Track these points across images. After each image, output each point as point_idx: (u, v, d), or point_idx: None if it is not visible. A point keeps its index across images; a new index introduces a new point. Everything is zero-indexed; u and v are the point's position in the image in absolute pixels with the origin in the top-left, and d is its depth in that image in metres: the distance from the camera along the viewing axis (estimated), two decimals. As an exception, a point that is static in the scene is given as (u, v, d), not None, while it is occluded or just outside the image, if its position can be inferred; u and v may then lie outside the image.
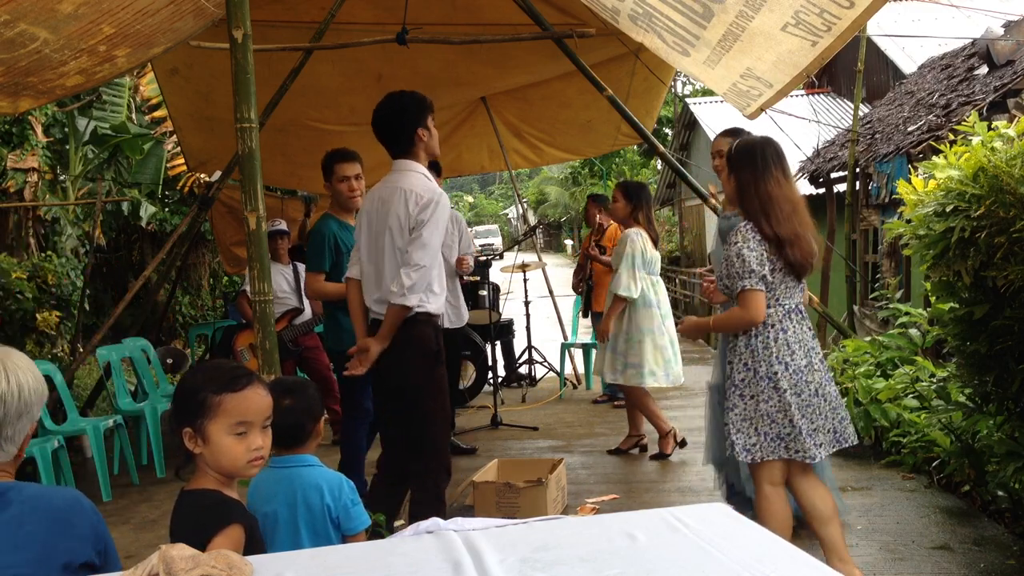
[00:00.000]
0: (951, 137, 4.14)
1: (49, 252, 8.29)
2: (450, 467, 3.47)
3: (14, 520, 1.60)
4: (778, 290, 3.06)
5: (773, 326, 3.05)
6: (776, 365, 3.02)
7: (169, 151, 9.73)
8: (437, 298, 3.40)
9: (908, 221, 3.73)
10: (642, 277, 5.14)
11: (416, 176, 3.37)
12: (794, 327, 3.07)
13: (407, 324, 3.32)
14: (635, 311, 5.17)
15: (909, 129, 8.50)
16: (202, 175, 8.72)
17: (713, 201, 5.84)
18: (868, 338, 5.93)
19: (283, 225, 6.11)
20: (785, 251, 3.01)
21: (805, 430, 3.02)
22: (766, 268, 3.00)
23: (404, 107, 3.42)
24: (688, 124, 18.91)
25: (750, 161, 3.10)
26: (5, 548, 1.57)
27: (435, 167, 4.59)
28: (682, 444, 5.38)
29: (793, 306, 3.09)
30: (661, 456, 5.27)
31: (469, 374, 7.34)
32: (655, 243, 5.27)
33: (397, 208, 3.31)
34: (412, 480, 3.44)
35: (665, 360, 5.17)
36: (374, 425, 4.43)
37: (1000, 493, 3.94)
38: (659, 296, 5.24)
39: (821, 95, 16.63)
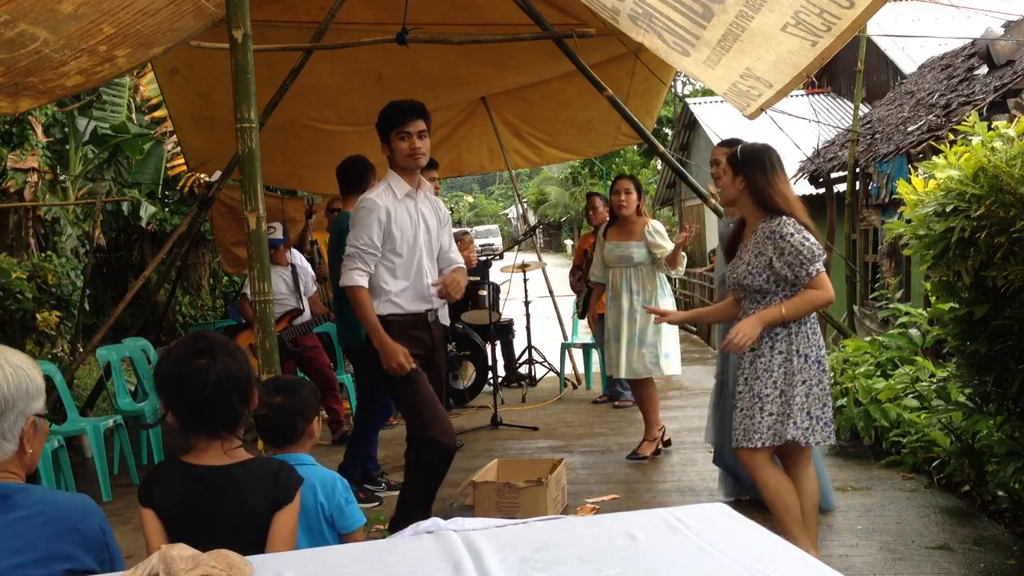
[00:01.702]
0: (951, 137, 4.14)
1: (49, 252, 8.29)
2: (442, 445, 3.54)
3: (19, 523, 1.60)
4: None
5: (810, 318, 3.25)
6: (822, 350, 3.22)
7: (169, 151, 9.72)
8: (387, 300, 3.57)
9: (908, 221, 3.73)
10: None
11: (374, 187, 3.68)
12: (813, 320, 3.28)
13: None
14: (664, 301, 5.23)
15: (909, 129, 8.50)
16: (202, 175, 8.72)
17: (713, 201, 5.84)
18: (868, 338, 5.93)
19: (279, 234, 6.06)
20: None
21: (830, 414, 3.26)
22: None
23: (379, 122, 3.61)
24: (688, 124, 18.91)
25: (760, 164, 3.23)
26: (7, 550, 1.56)
27: (431, 163, 4.68)
28: (667, 444, 5.44)
29: None
30: (638, 457, 5.25)
31: (469, 374, 7.34)
32: None
33: None
34: (406, 463, 3.71)
35: (677, 347, 5.31)
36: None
37: (1000, 493, 3.94)
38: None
39: (821, 95, 16.63)
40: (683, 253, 5.14)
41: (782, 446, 3.22)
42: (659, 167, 23.88)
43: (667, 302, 5.29)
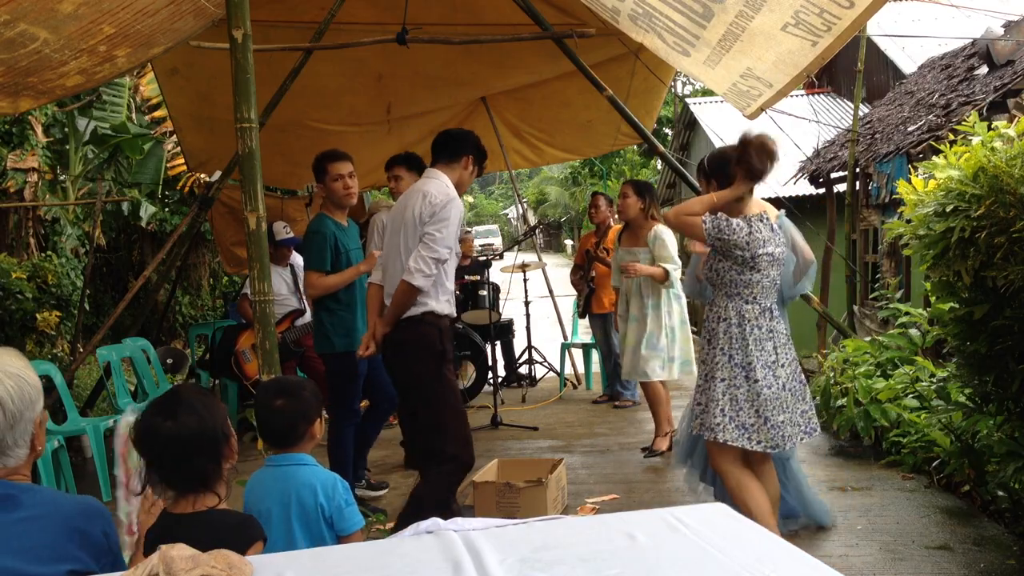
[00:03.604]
0: (951, 137, 4.14)
1: (49, 252, 8.29)
2: (465, 460, 3.56)
3: (23, 523, 1.60)
4: (755, 288, 3.32)
5: (750, 321, 3.32)
6: (750, 356, 3.30)
7: (169, 151, 9.72)
8: (444, 299, 3.55)
9: (908, 221, 3.73)
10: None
11: (436, 182, 3.59)
12: (767, 324, 3.34)
13: (412, 323, 3.49)
14: (671, 305, 5.21)
15: (909, 129, 8.49)
16: (202, 175, 8.72)
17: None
18: (868, 338, 5.93)
19: (289, 233, 6.07)
20: None
21: (772, 422, 3.29)
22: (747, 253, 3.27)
23: (469, 137, 3.74)
24: (688, 124, 18.88)
25: (723, 171, 3.39)
26: (11, 549, 1.56)
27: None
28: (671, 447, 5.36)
29: (768, 305, 3.36)
30: (653, 453, 5.25)
31: (469, 374, 7.33)
32: None
33: (413, 208, 3.51)
34: (424, 470, 3.63)
35: (691, 351, 5.29)
36: (360, 427, 4.57)
37: (1000, 493, 3.94)
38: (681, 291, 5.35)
39: (821, 95, 16.60)
40: (666, 268, 5.13)
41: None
42: (659, 167, 23.86)
43: (680, 306, 5.26)
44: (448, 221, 3.45)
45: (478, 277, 7.41)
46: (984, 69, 8.59)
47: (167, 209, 10.75)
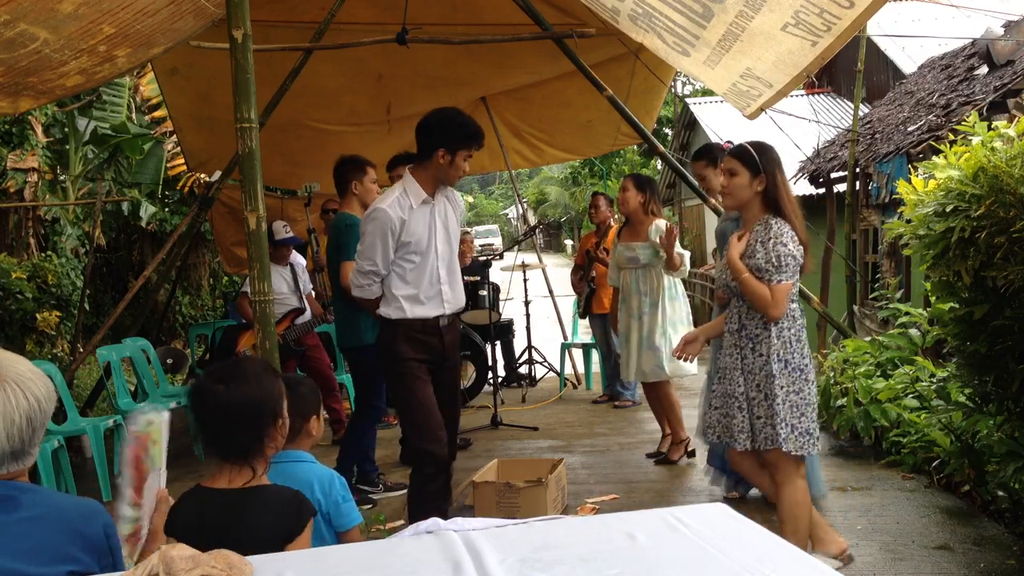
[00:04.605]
0: (951, 137, 4.14)
1: (49, 252, 8.29)
2: (436, 454, 3.55)
3: (23, 523, 1.60)
4: (797, 284, 3.19)
5: (797, 320, 3.17)
6: (805, 358, 3.14)
7: (169, 151, 9.73)
8: (396, 306, 3.59)
9: (908, 221, 3.73)
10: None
11: (387, 191, 3.69)
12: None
13: (380, 326, 3.69)
14: (673, 303, 5.11)
15: (909, 129, 8.49)
16: (202, 175, 8.72)
17: (713, 201, 5.84)
18: (868, 338, 5.93)
19: (289, 232, 6.07)
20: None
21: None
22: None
23: (437, 128, 3.59)
24: (688, 124, 18.90)
25: (779, 164, 3.19)
26: (11, 550, 1.56)
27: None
28: (691, 455, 5.19)
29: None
30: (666, 460, 5.16)
31: (469, 374, 7.34)
32: None
33: None
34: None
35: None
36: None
37: (1000, 493, 3.94)
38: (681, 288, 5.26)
39: (821, 95, 16.61)
40: (680, 253, 4.97)
41: (764, 451, 3.16)
42: (659, 167, 23.86)
43: (676, 305, 5.13)
44: (365, 235, 3.55)
45: (478, 277, 7.41)
46: (984, 69, 8.60)
47: (167, 209, 10.75)
